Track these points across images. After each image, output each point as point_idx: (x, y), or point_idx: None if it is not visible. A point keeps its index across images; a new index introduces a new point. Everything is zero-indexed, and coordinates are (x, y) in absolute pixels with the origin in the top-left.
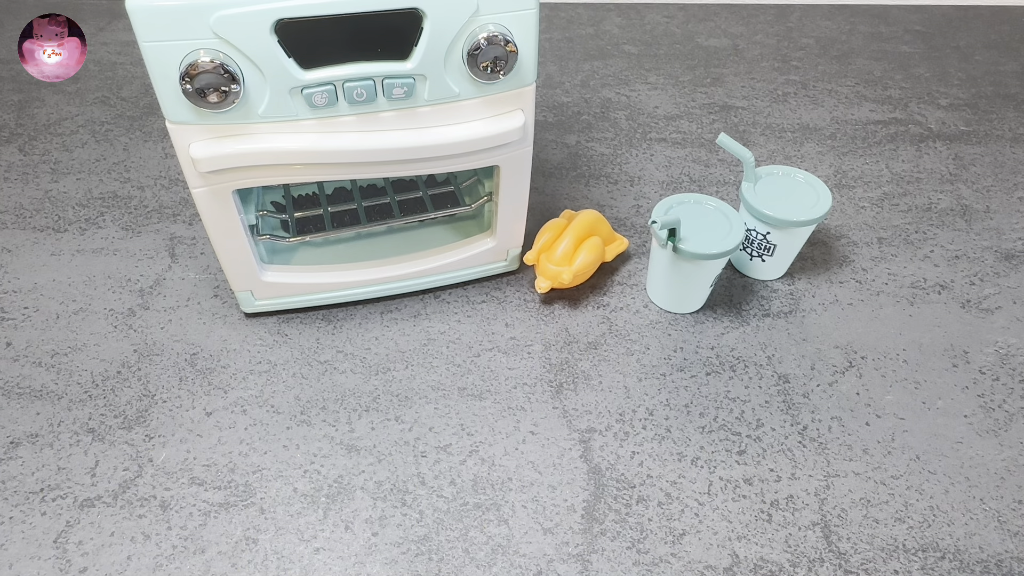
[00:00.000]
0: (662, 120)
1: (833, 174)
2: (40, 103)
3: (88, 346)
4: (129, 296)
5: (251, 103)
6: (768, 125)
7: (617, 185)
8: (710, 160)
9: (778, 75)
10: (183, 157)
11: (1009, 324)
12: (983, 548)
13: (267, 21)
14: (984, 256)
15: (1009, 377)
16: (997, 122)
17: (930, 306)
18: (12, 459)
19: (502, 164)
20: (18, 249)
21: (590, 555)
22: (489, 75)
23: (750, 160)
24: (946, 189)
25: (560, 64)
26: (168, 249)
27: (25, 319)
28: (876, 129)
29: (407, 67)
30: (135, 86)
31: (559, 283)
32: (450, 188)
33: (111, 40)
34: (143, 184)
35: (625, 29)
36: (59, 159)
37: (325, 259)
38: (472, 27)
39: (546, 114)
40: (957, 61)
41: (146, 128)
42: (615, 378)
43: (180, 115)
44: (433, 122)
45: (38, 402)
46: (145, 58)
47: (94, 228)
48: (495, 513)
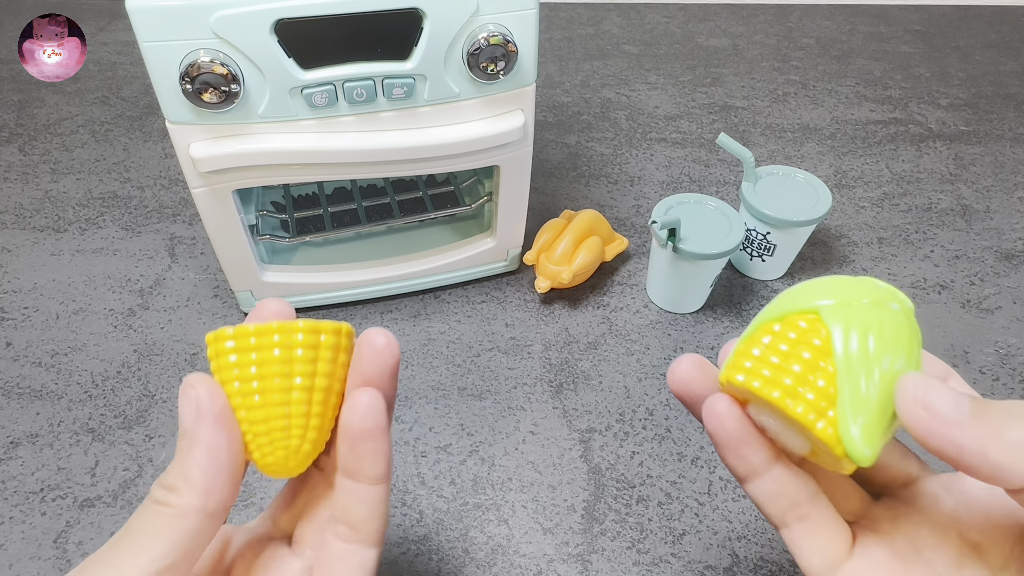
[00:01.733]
0: (662, 120)
1: (833, 174)
2: (40, 103)
3: (88, 346)
4: (129, 296)
5: (251, 103)
6: (768, 125)
7: (617, 185)
8: (710, 160)
9: (778, 75)
10: (183, 157)
11: (1009, 324)
12: None
13: (267, 21)
14: (984, 256)
15: (1009, 377)
16: (997, 122)
17: (930, 306)
18: (12, 459)
19: (502, 164)
20: (18, 249)
21: (590, 555)
22: (489, 75)
23: (750, 160)
24: (946, 189)
25: (560, 64)
26: (168, 249)
27: (25, 319)
28: (876, 129)
29: (407, 67)
30: (135, 86)
31: (559, 282)
32: (450, 188)
33: (111, 40)
34: (143, 184)
35: (625, 29)
36: (59, 159)
37: (325, 259)
38: (472, 27)
39: (546, 114)
40: (957, 61)
41: (146, 128)
42: (615, 378)
43: (180, 115)
44: (433, 122)
45: (38, 402)
46: (145, 58)
47: (94, 228)
48: (495, 513)
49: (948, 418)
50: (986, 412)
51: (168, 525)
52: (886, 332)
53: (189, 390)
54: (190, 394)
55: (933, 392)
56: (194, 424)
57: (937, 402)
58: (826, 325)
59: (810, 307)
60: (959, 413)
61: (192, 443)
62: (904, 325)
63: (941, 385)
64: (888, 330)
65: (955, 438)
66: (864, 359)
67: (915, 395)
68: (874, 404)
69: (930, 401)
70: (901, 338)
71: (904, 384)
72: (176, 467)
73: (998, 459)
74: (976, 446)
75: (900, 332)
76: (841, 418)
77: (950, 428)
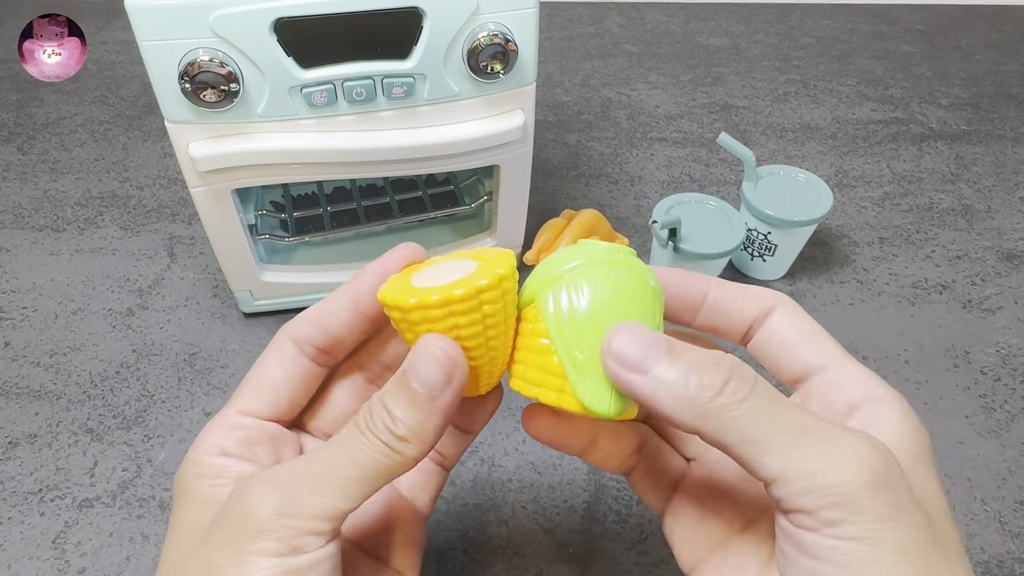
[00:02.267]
0: (663, 119)
1: (834, 174)
2: (39, 102)
3: (87, 346)
4: (128, 296)
5: (250, 102)
6: (769, 124)
7: (617, 185)
8: (711, 160)
9: (779, 74)
10: (182, 156)
11: (1010, 324)
12: (984, 549)
13: (266, 20)
14: (985, 256)
15: (1011, 377)
16: (999, 122)
17: (931, 306)
18: (10, 459)
19: (502, 164)
20: (16, 249)
21: (590, 556)
22: (489, 74)
23: (751, 160)
24: (947, 189)
25: (560, 63)
26: (167, 249)
27: (23, 319)
28: (877, 129)
29: (407, 66)
30: (134, 85)
31: None
32: (450, 188)
33: (110, 39)
34: (142, 183)
35: (625, 28)
36: (58, 158)
37: (325, 259)
38: (472, 26)
39: (546, 113)
40: (958, 60)
41: (145, 127)
42: None
43: (179, 114)
44: (433, 121)
45: (36, 402)
46: (144, 57)
47: (93, 228)
48: (495, 514)
49: (633, 364)
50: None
51: (391, 470)
52: (599, 291)
53: (439, 352)
54: (441, 358)
55: (620, 340)
56: (443, 389)
57: (623, 351)
58: (537, 308)
59: (527, 297)
60: (644, 361)
61: (436, 409)
62: (624, 278)
63: (635, 334)
64: (602, 288)
65: (632, 385)
66: (573, 325)
67: (607, 347)
68: (596, 361)
69: (617, 350)
70: (620, 293)
71: (606, 337)
72: (413, 418)
73: (666, 404)
74: (649, 392)
75: (617, 287)
76: (574, 387)
77: (630, 376)
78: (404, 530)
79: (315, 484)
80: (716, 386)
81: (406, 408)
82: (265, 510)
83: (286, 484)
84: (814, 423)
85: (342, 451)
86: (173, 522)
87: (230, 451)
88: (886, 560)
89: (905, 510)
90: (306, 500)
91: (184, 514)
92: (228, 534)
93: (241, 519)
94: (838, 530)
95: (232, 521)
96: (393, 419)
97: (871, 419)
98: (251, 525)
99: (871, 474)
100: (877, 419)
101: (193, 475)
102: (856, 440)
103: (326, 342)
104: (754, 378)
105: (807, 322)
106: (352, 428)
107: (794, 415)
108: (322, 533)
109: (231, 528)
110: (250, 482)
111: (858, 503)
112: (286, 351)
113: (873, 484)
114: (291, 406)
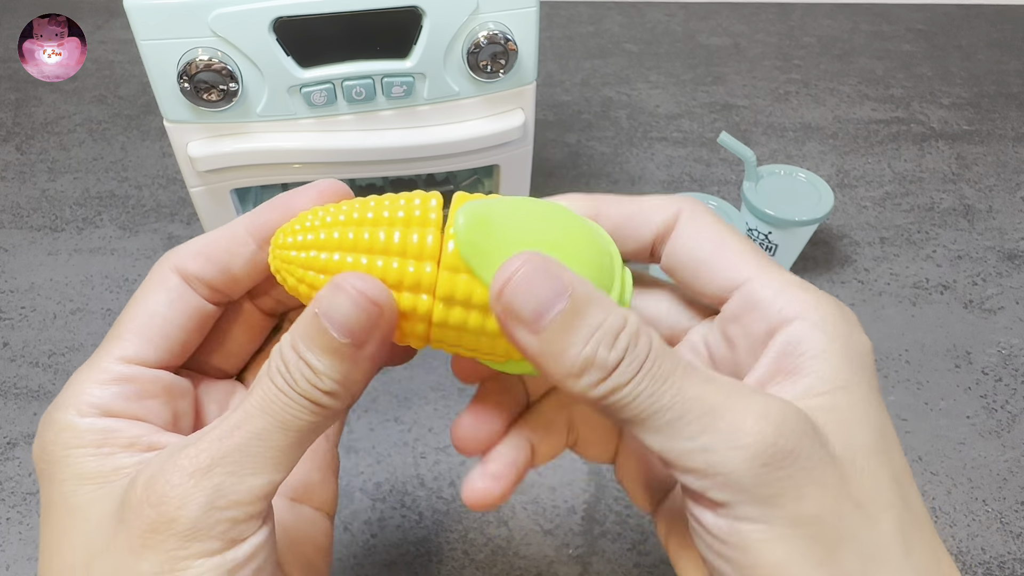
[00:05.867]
0: (663, 119)
1: (835, 173)
2: (37, 102)
3: (86, 346)
4: (127, 296)
5: (249, 102)
6: (770, 124)
7: (618, 184)
8: (711, 159)
9: (780, 74)
10: (181, 156)
11: (1012, 324)
12: (985, 550)
13: (265, 19)
14: (987, 256)
15: (1012, 378)
16: (1000, 121)
17: (932, 306)
18: (9, 460)
19: (502, 163)
20: (15, 248)
21: (590, 557)
22: (489, 74)
23: (751, 159)
24: (948, 189)
25: (560, 62)
26: (166, 248)
27: (22, 319)
28: (878, 128)
29: (406, 65)
30: (133, 85)
31: None
32: (450, 188)
33: (109, 38)
34: (141, 183)
35: (626, 27)
36: (56, 158)
37: None
38: (472, 25)
39: (546, 113)
40: (960, 60)
41: (144, 127)
42: None
43: (178, 114)
44: (433, 121)
45: (35, 402)
46: (143, 56)
47: (91, 227)
48: (495, 515)
49: (524, 320)
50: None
51: (319, 426)
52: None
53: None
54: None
55: (514, 285)
56: (370, 330)
57: (514, 299)
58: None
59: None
60: (538, 319)
61: (364, 356)
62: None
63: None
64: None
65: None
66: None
67: (496, 288)
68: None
69: (507, 297)
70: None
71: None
72: (338, 369)
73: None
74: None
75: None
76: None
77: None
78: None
79: (243, 463)
80: (610, 365)
81: (327, 359)
82: (192, 508)
83: (208, 471)
84: (702, 393)
85: (265, 417)
86: (49, 511)
87: (114, 409)
88: (783, 536)
89: (804, 479)
90: (237, 485)
91: (64, 499)
92: (147, 538)
93: (162, 521)
94: (729, 511)
95: (148, 522)
96: (316, 372)
97: (789, 347)
98: (178, 528)
99: (756, 449)
100: (798, 345)
101: (66, 444)
102: (746, 409)
103: (221, 281)
104: (647, 350)
105: (715, 227)
106: (269, 386)
107: (688, 386)
108: (258, 515)
109: (150, 532)
110: (160, 474)
111: (740, 482)
112: (172, 285)
113: (759, 458)
114: (183, 350)
